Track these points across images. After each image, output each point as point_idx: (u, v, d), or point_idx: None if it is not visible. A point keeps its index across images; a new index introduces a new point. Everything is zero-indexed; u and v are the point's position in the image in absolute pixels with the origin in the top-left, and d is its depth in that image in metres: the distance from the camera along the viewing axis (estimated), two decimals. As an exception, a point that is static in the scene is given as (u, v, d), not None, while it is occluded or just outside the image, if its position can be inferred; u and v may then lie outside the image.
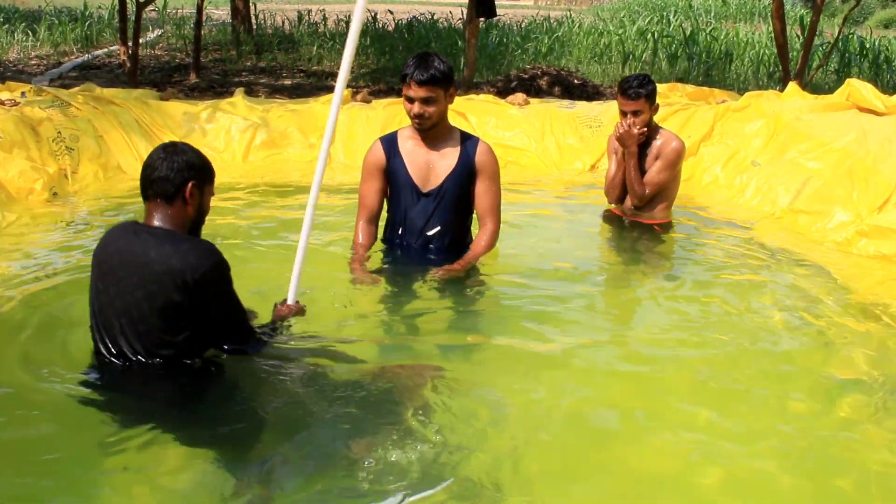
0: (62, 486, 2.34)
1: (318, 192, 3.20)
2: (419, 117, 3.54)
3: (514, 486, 2.42)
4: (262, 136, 6.72)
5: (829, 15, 22.15)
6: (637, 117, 4.58)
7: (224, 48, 12.23)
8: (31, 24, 12.78)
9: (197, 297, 2.51)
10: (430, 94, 3.48)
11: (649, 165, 4.69)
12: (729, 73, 11.59)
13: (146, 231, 2.57)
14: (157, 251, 2.50)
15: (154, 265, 2.48)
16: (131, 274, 2.51)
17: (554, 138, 6.95)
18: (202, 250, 2.54)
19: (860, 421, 2.87)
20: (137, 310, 2.52)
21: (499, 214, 3.80)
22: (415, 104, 3.52)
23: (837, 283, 4.22)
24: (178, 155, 2.64)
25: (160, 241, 2.52)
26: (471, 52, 9.20)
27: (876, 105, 5.76)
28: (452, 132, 3.72)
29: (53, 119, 5.97)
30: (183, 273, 2.47)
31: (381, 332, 3.44)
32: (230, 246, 4.26)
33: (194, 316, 2.56)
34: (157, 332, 2.54)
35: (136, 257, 2.51)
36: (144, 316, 2.52)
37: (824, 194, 5.27)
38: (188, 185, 2.61)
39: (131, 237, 2.56)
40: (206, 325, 2.62)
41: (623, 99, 4.59)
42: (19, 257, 4.12)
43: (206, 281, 2.51)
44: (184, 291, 2.49)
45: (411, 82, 3.48)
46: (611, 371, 3.18)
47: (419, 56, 3.55)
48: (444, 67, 3.50)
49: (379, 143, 3.78)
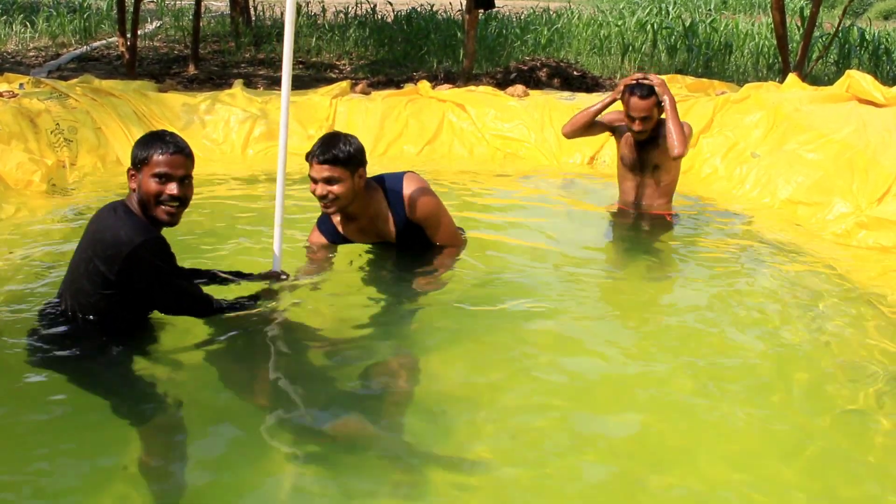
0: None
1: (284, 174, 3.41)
2: (323, 199, 3.41)
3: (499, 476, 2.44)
4: (260, 127, 6.71)
5: (828, 6, 22.07)
6: (647, 123, 4.51)
7: (223, 40, 12.19)
8: (30, 15, 12.74)
9: (123, 271, 2.71)
10: (333, 174, 3.36)
11: (664, 159, 4.62)
12: (728, 65, 11.57)
13: (115, 207, 2.83)
14: (103, 223, 2.77)
15: (95, 233, 2.76)
16: (84, 238, 2.82)
17: (553, 130, 6.94)
18: (134, 228, 2.72)
19: (860, 412, 2.88)
20: (77, 269, 2.82)
21: (457, 236, 3.80)
22: (318, 185, 3.41)
23: (837, 274, 4.22)
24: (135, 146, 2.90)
25: (111, 215, 2.78)
26: (470, 44, 9.17)
27: (876, 96, 5.76)
28: (374, 199, 3.56)
29: (52, 111, 5.97)
30: (111, 246, 2.70)
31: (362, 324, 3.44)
32: (227, 236, 4.27)
33: (118, 286, 2.75)
34: (84, 293, 2.80)
35: (92, 224, 2.81)
36: (80, 275, 2.80)
37: (824, 186, 5.26)
38: (129, 172, 2.88)
39: (108, 211, 2.82)
40: (134, 295, 2.82)
41: (634, 100, 4.48)
42: (17, 249, 4.11)
43: (132, 257, 2.69)
44: (108, 262, 2.70)
45: (312, 161, 3.40)
46: (606, 363, 3.18)
47: (325, 136, 3.48)
48: (350, 148, 3.38)
49: (318, 232, 3.74)
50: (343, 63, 11.13)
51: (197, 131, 6.56)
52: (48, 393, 2.73)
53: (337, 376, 2.99)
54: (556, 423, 2.74)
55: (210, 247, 4.11)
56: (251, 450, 2.51)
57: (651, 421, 2.78)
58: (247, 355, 3.08)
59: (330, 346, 3.22)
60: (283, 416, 2.72)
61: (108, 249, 2.69)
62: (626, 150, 4.78)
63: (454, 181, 6.01)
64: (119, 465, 2.42)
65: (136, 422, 2.64)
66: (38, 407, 2.68)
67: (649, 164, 4.70)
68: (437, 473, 2.44)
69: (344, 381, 2.94)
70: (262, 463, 2.45)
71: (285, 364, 3.06)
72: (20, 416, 2.65)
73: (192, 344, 3.02)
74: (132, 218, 2.77)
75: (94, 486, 2.34)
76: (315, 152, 3.38)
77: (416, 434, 2.61)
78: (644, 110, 4.47)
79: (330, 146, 3.37)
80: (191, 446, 2.55)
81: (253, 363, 3.04)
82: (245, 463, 2.45)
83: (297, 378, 2.96)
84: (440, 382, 2.93)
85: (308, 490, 2.36)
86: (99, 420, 2.61)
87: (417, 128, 7.01)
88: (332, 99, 7.08)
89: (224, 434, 2.59)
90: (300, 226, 4.14)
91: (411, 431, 2.62)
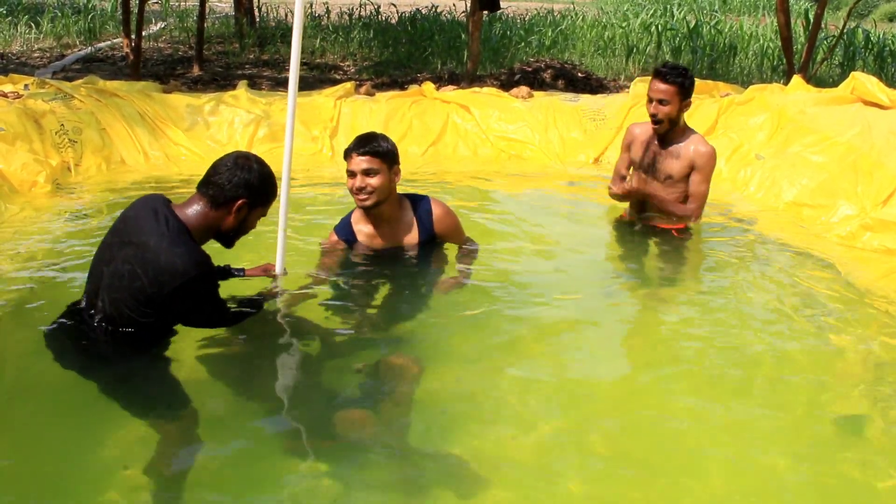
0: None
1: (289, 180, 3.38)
2: (361, 191, 3.45)
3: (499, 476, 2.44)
4: (264, 129, 6.72)
5: (833, 8, 22.05)
6: (662, 106, 4.25)
7: (227, 41, 12.21)
8: (35, 16, 12.77)
9: (170, 298, 2.60)
10: (371, 166, 3.42)
11: (677, 169, 4.38)
12: (733, 67, 11.56)
13: (166, 215, 2.65)
14: (157, 241, 2.58)
15: (148, 252, 2.59)
16: (131, 246, 2.63)
17: (557, 131, 6.95)
18: (191, 260, 2.60)
19: (863, 414, 2.87)
20: (120, 278, 2.64)
21: (468, 239, 3.90)
22: (356, 177, 3.45)
23: (841, 276, 4.21)
24: (243, 171, 2.75)
25: (165, 233, 2.60)
26: (474, 46, 9.17)
27: (881, 98, 5.75)
28: (402, 207, 3.66)
29: (56, 112, 5.98)
30: (164, 273, 2.57)
31: (368, 327, 3.43)
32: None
33: (162, 309, 2.65)
34: (125, 305, 2.65)
35: (142, 234, 2.62)
36: (123, 287, 2.63)
37: (828, 188, 5.25)
38: (238, 202, 2.72)
39: (150, 214, 2.66)
40: (174, 319, 2.76)
41: (654, 80, 4.26)
42: (21, 249, 4.12)
43: (182, 289, 2.59)
44: (158, 287, 2.59)
45: (352, 154, 3.45)
46: (610, 365, 3.18)
47: (362, 134, 3.56)
48: (388, 144, 3.49)
49: (335, 235, 3.75)
50: (347, 64, 11.14)
51: (201, 132, 6.57)
52: (48, 393, 2.74)
53: (341, 377, 3.00)
54: (557, 425, 2.74)
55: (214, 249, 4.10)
56: (252, 451, 2.52)
57: (655, 424, 2.77)
58: (253, 356, 3.07)
59: (336, 346, 3.21)
60: (286, 417, 2.73)
61: (160, 275, 2.57)
62: (639, 151, 4.56)
63: (458, 182, 6.01)
64: (119, 466, 2.42)
65: (148, 422, 2.64)
66: (38, 407, 2.69)
67: (662, 172, 4.44)
68: (440, 475, 2.44)
69: (348, 381, 2.95)
70: (264, 463, 2.46)
71: (291, 365, 3.06)
72: (23, 415, 2.66)
73: (199, 346, 3.01)
74: (185, 242, 2.63)
75: (95, 486, 2.34)
76: (354, 146, 3.46)
77: (418, 434, 2.61)
78: (662, 93, 4.24)
79: (369, 140, 3.47)
80: (196, 447, 2.55)
81: (259, 364, 3.04)
82: (246, 464, 2.45)
83: (302, 379, 2.97)
84: (442, 383, 2.93)
85: (310, 491, 2.36)
86: (99, 420, 2.61)
87: (421, 129, 7.01)
88: (336, 100, 7.09)
89: (226, 435, 2.60)
90: (304, 229, 4.14)
91: (414, 431, 2.63)
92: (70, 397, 2.71)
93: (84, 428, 2.59)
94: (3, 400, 2.74)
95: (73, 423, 2.62)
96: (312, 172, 6.19)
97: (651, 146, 4.47)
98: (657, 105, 4.27)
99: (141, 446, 2.49)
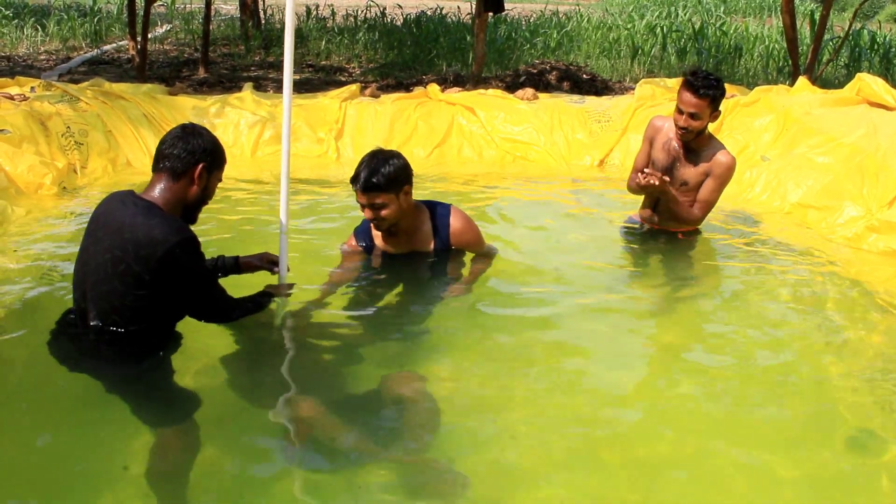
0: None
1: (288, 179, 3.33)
2: (374, 221, 3.44)
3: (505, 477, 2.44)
4: (270, 130, 6.72)
5: (839, 9, 22.02)
6: (693, 121, 4.03)
7: (233, 43, 12.24)
8: (41, 19, 12.81)
9: (158, 271, 2.60)
10: (377, 201, 3.36)
11: (693, 177, 4.26)
12: (738, 68, 11.55)
13: (133, 201, 2.69)
14: (131, 220, 2.61)
15: (124, 232, 2.60)
16: (106, 237, 2.65)
17: (563, 133, 6.94)
18: (169, 227, 2.62)
19: (867, 415, 2.86)
20: (104, 271, 2.64)
21: (486, 247, 3.85)
22: (366, 210, 3.43)
23: (847, 278, 4.20)
24: (195, 137, 2.79)
25: (137, 212, 2.63)
26: (479, 47, 9.17)
27: (886, 100, 5.74)
28: (419, 218, 3.61)
29: (62, 114, 6.00)
30: (146, 246, 2.57)
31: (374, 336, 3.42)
32: (238, 240, 4.27)
33: (152, 287, 2.63)
34: (115, 295, 2.64)
35: (114, 222, 2.65)
36: (108, 277, 2.63)
37: (834, 189, 5.24)
38: (198, 167, 2.75)
39: (118, 204, 2.70)
40: (167, 297, 2.71)
41: (685, 92, 4.01)
42: (27, 251, 4.13)
43: (168, 256, 2.59)
44: (143, 262, 2.58)
45: (356, 189, 3.38)
46: (612, 366, 3.18)
47: (367, 158, 3.41)
48: (391, 170, 3.33)
49: (353, 239, 3.74)
50: (352, 66, 11.16)
51: (207, 134, 6.58)
52: (49, 394, 2.75)
53: (344, 381, 3.00)
54: (557, 426, 2.74)
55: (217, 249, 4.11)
56: (253, 451, 2.53)
57: (657, 425, 2.77)
58: (256, 358, 3.08)
59: (339, 351, 3.22)
60: (287, 419, 2.73)
61: (141, 249, 2.56)
62: (660, 152, 4.36)
63: (463, 184, 6.02)
64: (119, 466, 2.43)
65: (148, 423, 2.64)
66: (38, 407, 2.70)
67: (678, 179, 4.30)
68: (441, 476, 2.44)
69: (351, 385, 2.95)
70: (264, 464, 2.47)
71: (297, 370, 3.04)
72: (23, 417, 2.66)
73: (200, 349, 3.01)
74: (159, 214, 2.64)
75: (94, 487, 2.35)
76: (357, 179, 3.36)
77: (418, 436, 2.62)
78: (693, 106, 4.00)
79: (371, 173, 3.32)
80: (196, 448, 2.56)
81: (261, 366, 3.04)
82: (246, 464, 2.46)
83: (303, 381, 2.97)
84: (448, 391, 2.92)
85: (310, 492, 2.37)
86: (99, 421, 2.62)
87: (427, 131, 7.02)
88: (341, 102, 7.10)
89: (227, 436, 2.60)
90: (307, 232, 4.14)
91: (414, 434, 2.63)
92: (70, 398, 2.72)
93: (84, 428, 2.60)
94: (4, 400, 2.74)
95: (73, 423, 2.63)
96: (318, 174, 6.19)
97: (671, 150, 4.32)
98: (688, 119, 4.05)
99: (141, 447, 2.49)
